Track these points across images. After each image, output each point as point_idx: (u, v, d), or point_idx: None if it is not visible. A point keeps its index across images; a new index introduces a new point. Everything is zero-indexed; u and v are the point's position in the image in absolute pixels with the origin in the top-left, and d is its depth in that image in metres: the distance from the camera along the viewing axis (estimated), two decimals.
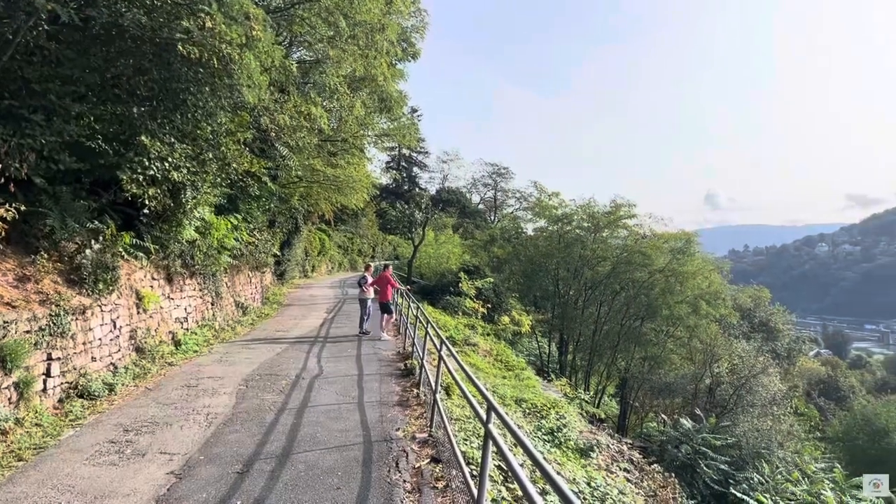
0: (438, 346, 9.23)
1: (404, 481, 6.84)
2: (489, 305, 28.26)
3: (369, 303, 17.84)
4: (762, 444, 21.79)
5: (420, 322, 13.95)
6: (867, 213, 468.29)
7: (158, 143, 11.12)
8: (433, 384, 8.97)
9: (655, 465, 14.31)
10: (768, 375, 26.99)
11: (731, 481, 18.98)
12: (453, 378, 7.66)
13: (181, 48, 10.40)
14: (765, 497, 15.92)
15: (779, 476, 19.27)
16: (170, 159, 11.53)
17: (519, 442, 3.92)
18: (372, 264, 19.35)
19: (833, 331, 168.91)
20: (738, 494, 16.55)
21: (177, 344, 13.48)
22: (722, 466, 19.67)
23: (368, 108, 19.34)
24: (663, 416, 25.50)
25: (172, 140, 11.67)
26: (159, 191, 11.54)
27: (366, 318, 17.76)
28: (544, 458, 9.31)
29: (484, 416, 5.18)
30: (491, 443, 4.90)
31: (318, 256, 41.14)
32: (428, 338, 11.87)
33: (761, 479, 19.00)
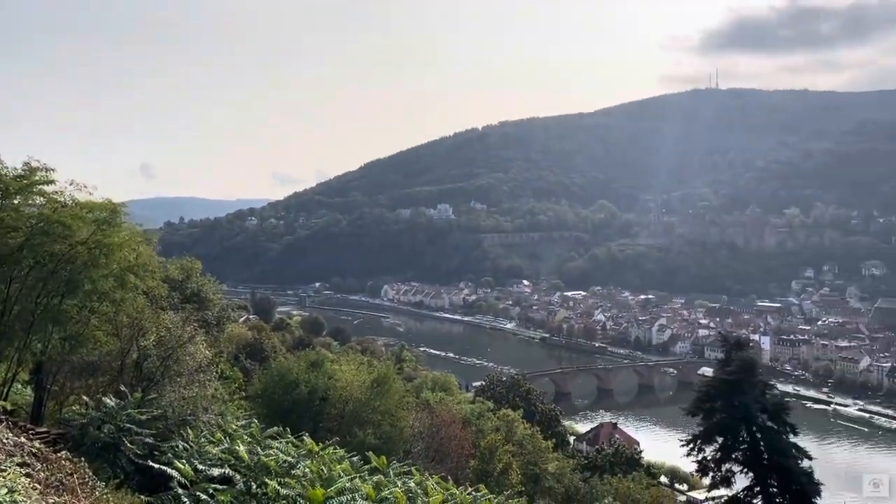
0: None
1: None
2: None
3: None
4: (188, 412, 22.41)
5: None
6: (290, 191, 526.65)
7: None
8: None
9: (64, 451, 13.23)
10: (195, 344, 27.83)
11: (157, 453, 18.98)
12: None
13: None
14: (183, 463, 16.34)
15: (202, 439, 20.08)
16: None
17: None
18: None
19: (260, 297, 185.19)
20: (157, 466, 16.65)
21: None
22: (147, 440, 19.51)
23: None
24: (85, 397, 23.94)
25: None
26: None
27: None
28: None
29: None
30: None
31: None
32: None
33: (186, 445, 19.49)
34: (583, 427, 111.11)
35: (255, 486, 15.51)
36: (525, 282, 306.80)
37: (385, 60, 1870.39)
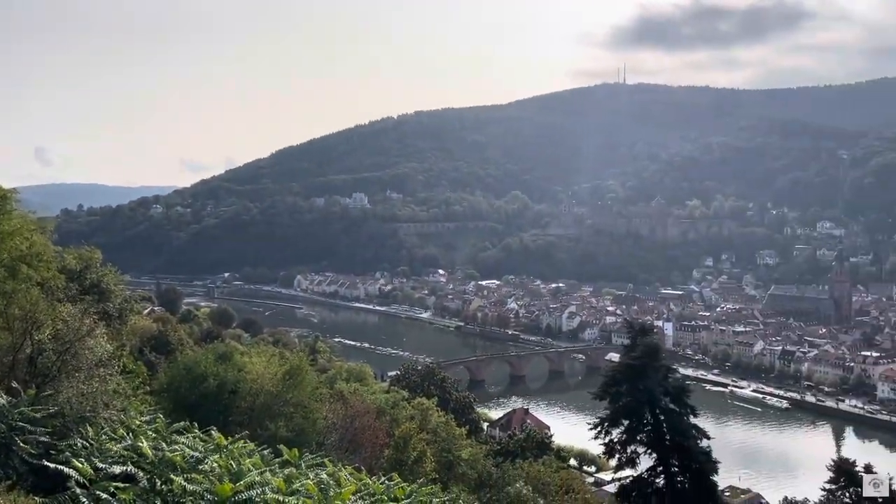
0: None
1: None
2: None
3: None
4: (87, 408, 21.31)
5: None
6: (197, 178, 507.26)
7: None
8: None
9: None
10: (95, 337, 26.47)
11: (53, 452, 18.02)
12: None
13: None
14: (81, 462, 15.56)
15: (103, 436, 19.16)
16: None
17: None
18: None
19: (166, 288, 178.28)
20: (53, 466, 15.77)
21: None
22: (42, 439, 18.41)
23: None
24: None
25: None
26: None
27: None
28: None
29: None
30: None
31: None
32: None
33: (85, 443, 18.56)
34: (496, 413, 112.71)
35: (159, 483, 14.89)
36: (440, 271, 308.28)
37: (298, 47, 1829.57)
